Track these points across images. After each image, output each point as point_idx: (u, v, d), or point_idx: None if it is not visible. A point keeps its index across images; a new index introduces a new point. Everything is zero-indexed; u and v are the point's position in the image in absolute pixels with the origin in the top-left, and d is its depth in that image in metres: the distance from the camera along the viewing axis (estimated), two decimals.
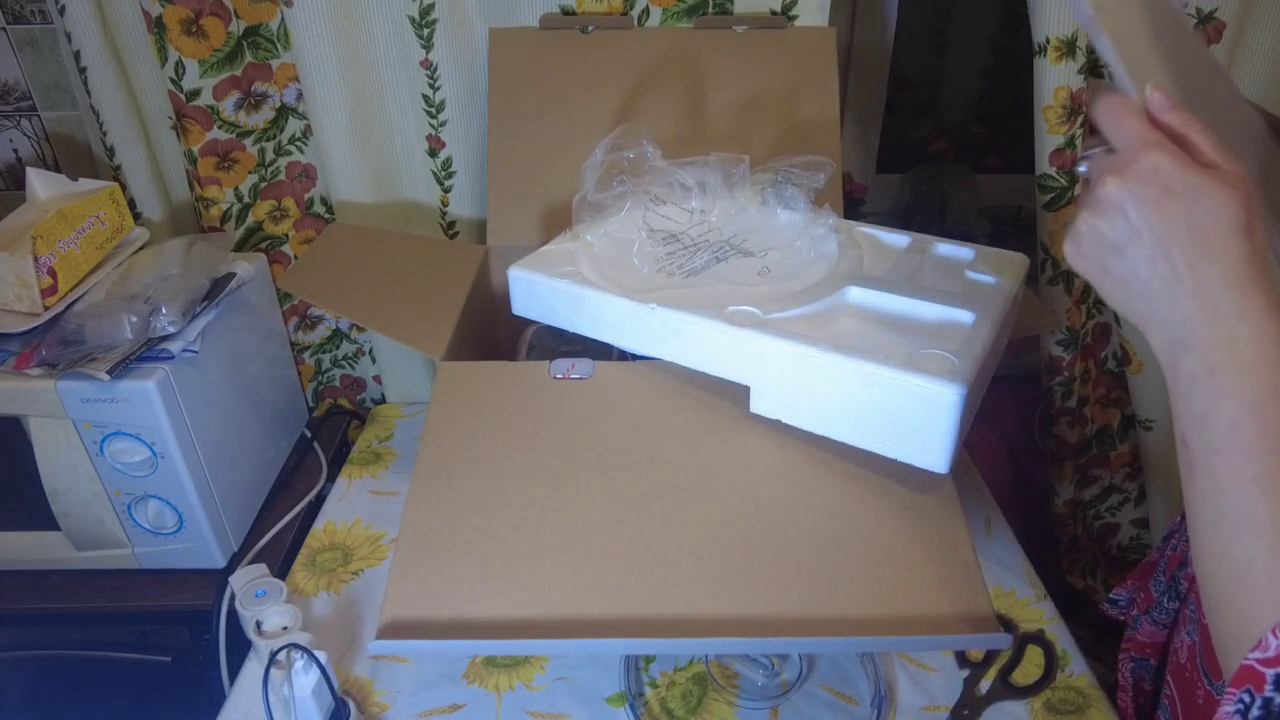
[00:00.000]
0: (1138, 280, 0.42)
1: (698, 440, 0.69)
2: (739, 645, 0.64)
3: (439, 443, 0.69)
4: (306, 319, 1.13)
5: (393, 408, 1.16)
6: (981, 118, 1.35)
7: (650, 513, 0.64)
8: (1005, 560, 0.89)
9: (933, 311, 0.67)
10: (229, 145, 0.99)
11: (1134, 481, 1.19)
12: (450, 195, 1.04)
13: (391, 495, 0.99)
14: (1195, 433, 0.41)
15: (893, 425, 0.61)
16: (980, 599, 0.59)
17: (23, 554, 0.87)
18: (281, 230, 1.07)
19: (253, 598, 0.77)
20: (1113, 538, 1.24)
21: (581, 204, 0.76)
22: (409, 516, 0.64)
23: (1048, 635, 0.73)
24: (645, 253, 0.74)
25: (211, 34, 0.93)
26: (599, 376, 0.73)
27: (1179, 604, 0.69)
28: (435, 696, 0.74)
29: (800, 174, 0.77)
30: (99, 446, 0.81)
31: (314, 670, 0.67)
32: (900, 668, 0.76)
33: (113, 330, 0.80)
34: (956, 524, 0.63)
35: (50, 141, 1.10)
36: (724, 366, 0.68)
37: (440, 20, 0.93)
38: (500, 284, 0.87)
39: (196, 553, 0.88)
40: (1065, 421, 1.13)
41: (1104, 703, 0.73)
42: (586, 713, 0.73)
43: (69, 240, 0.85)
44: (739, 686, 0.75)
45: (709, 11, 0.96)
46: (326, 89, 0.94)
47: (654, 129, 0.77)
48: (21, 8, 1.00)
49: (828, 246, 0.75)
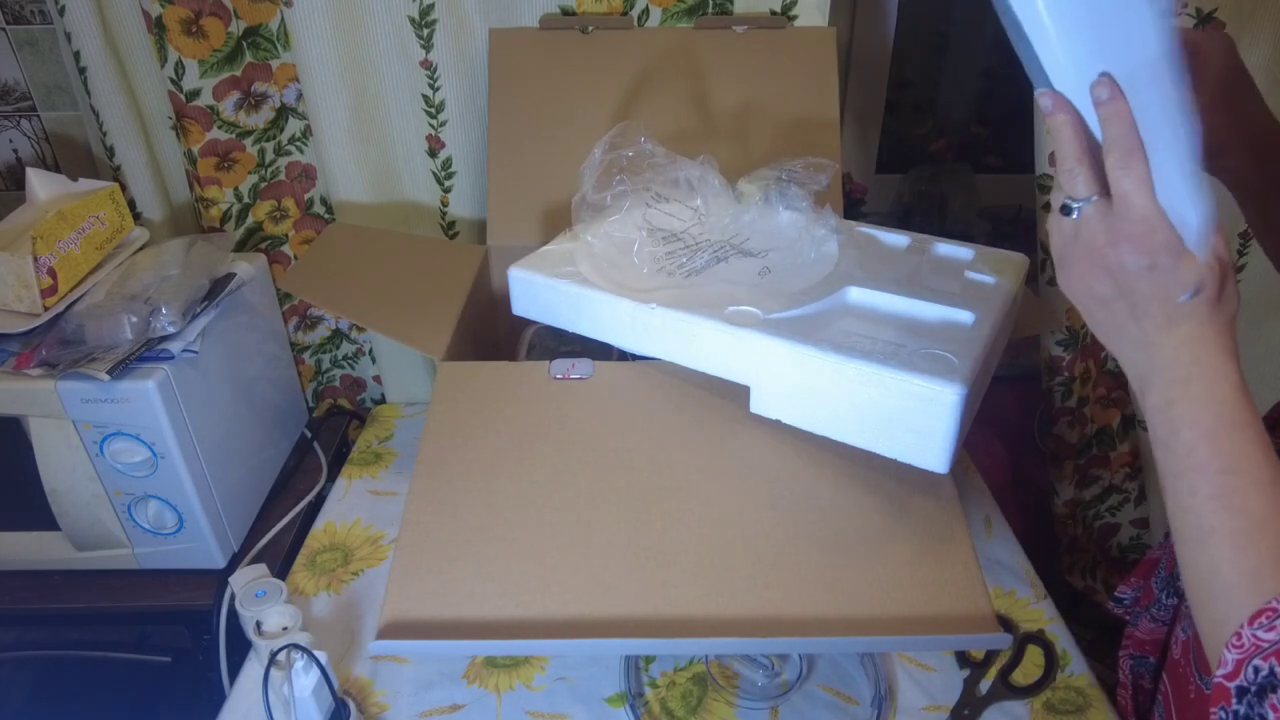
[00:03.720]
0: (1115, 327, 0.47)
1: (698, 440, 0.69)
2: (739, 645, 0.64)
3: (439, 443, 0.69)
4: (306, 319, 1.13)
5: (393, 408, 1.16)
6: (981, 118, 1.35)
7: (650, 513, 0.64)
8: (1005, 560, 0.89)
9: (933, 311, 0.67)
10: (229, 145, 0.99)
11: (1134, 481, 1.19)
12: (450, 195, 1.04)
13: (391, 495, 0.99)
14: (1160, 456, 0.46)
15: (893, 425, 0.61)
16: (980, 599, 0.59)
17: (23, 554, 0.87)
18: (281, 230, 1.07)
19: (253, 598, 0.77)
20: (1113, 538, 1.24)
21: (581, 204, 0.76)
22: (409, 516, 0.64)
23: (1048, 635, 0.73)
24: (645, 252, 0.74)
25: (211, 34, 0.93)
26: (599, 376, 0.73)
27: (1177, 601, 0.69)
28: (435, 696, 0.74)
29: (802, 174, 0.77)
30: (99, 447, 0.81)
31: (314, 670, 0.67)
32: (900, 668, 0.76)
33: (113, 330, 0.80)
34: (956, 524, 0.63)
35: (50, 141, 1.10)
36: (724, 366, 0.68)
37: (440, 20, 0.93)
38: (500, 284, 0.87)
39: (196, 553, 0.88)
40: (1065, 421, 1.13)
41: (1104, 702, 0.73)
42: (586, 713, 0.73)
43: (69, 240, 0.85)
44: (739, 686, 0.75)
45: (709, 11, 0.96)
46: (326, 89, 0.94)
47: (654, 129, 0.77)
48: (21, 8, 1.00)
49: (828, 247, 0.75)
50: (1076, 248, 0.47)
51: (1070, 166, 0.45)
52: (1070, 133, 0.45)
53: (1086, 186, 0.45)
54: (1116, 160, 0.43)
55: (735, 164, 0.81)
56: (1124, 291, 0.45)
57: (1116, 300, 0.46)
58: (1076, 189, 0.45)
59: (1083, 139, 0.45)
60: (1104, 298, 0.47)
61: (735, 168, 0.81)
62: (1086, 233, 0.46)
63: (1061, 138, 0.45)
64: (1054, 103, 0.45)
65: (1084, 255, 0.46)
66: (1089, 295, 0.47)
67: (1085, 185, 0.45)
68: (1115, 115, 0.43)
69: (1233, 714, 0.41)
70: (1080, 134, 0.45)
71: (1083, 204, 0.45)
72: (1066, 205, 0.46)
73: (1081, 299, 0.48)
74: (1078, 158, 0.45)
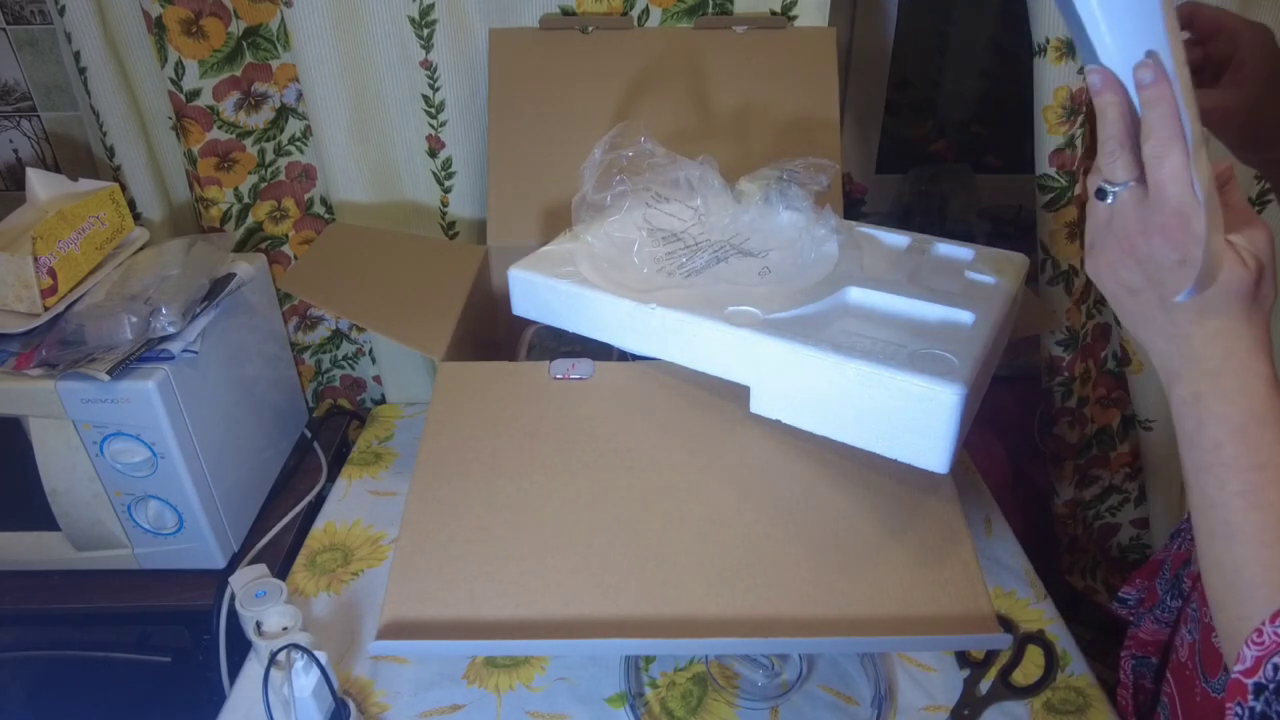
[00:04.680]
0: (1143, 316, 0.46)
1: (698, 440, 0.69)
2: (739, 645, 0.64)
3: (439, 443, 0.69)
4: (306, 319, 1.13)
5: (393, 408, 1.16)
6: (981, 118, 1.35)
7: (650, 513, 0.64)
8: (1005, 560, 0.89)
9: (933, 311, 0.67)
10: (229, 145, 0.99)
11: (1134, 481, 1.19)
12: (450, 195, 1.04)
13: (391, 495, 0.99)
14: (1186, 451, 0.45)
15: (893, 425, 0.61)
16: (980, 599, 0.59)
17: (23, 554, 0.87)
18: (281, 230, 1.07)
19: (253, 598, 0.77)
20: (1113, 538, 1.24)
21: (581, 204, 0.76)
22: (409, 516, 0.64)
23: (1048, 635, 0.73)
24: (645, 252, 0.74)
25: (211, 34, 0.93)
26: (599, 376, 0.73)
27: (1181, 603, 0.69)
28: (435, 696, 0.74)
29: (802, 174, 0.77)
30: (99, 447, 0.81)
31: (314, 671, 0.67)
32: (900, 668, 0.76)
33: (113, 330, 0.80)
34: (956, 524, 0.63)
35: (50, 141, 1.10)
36: (724, 367, 0.68)
37: (440, 20, 0.93)
38: (500, 284, 0.87)
39: (196, 553, 0.88)
40: (1065, 421, 1.13)
41: (1104, 703, 0.73)
42: (586, 713, 0.73)
43: (69, 240, 0.85)
44: (739, 686, 0.75)
45: (709, 11, 0.96)
46: (326, 89, 0.94)
47: (654, 129, 0.77)
48: (21, 8, 1.00)
49: (828, 247, 0.75)
50: (1109, 234, 0.46)
51: (1112, 149, 0.44)
52: (1116, 114, 0.44)
53: (1126, 170, 0.44)
54: (1155, 148, 0.42)
55: (735, 164, 0.81)
56: (1154, 282, 0.44)
57: (1146, 290, 0.45)
58: (1115, 173, 0.44)
59: (1128, 121, 0.44)
60: (1133, 286, 0.46)
61: (735, 168, 0.81)
62: (1120, 220, 0.45)
63: (1107, 119, 0.44)
64: (1103, 80, 0.43)
65: (1115, 243, 0.45)
66: (1117, 283, 0.46)
67: (1125, 169, 0.44)
68: (1159, 99, 0.42)
69: (1249, 710, 0.41)
70: (1126, 116, 0.44)
71: (1120, 189, 0.44)
72: (1102, 189, 0.45)
73: (1110, 285, 0.47)
74: (1120, 141, 0.44)
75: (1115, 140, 0.44)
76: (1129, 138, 0.44)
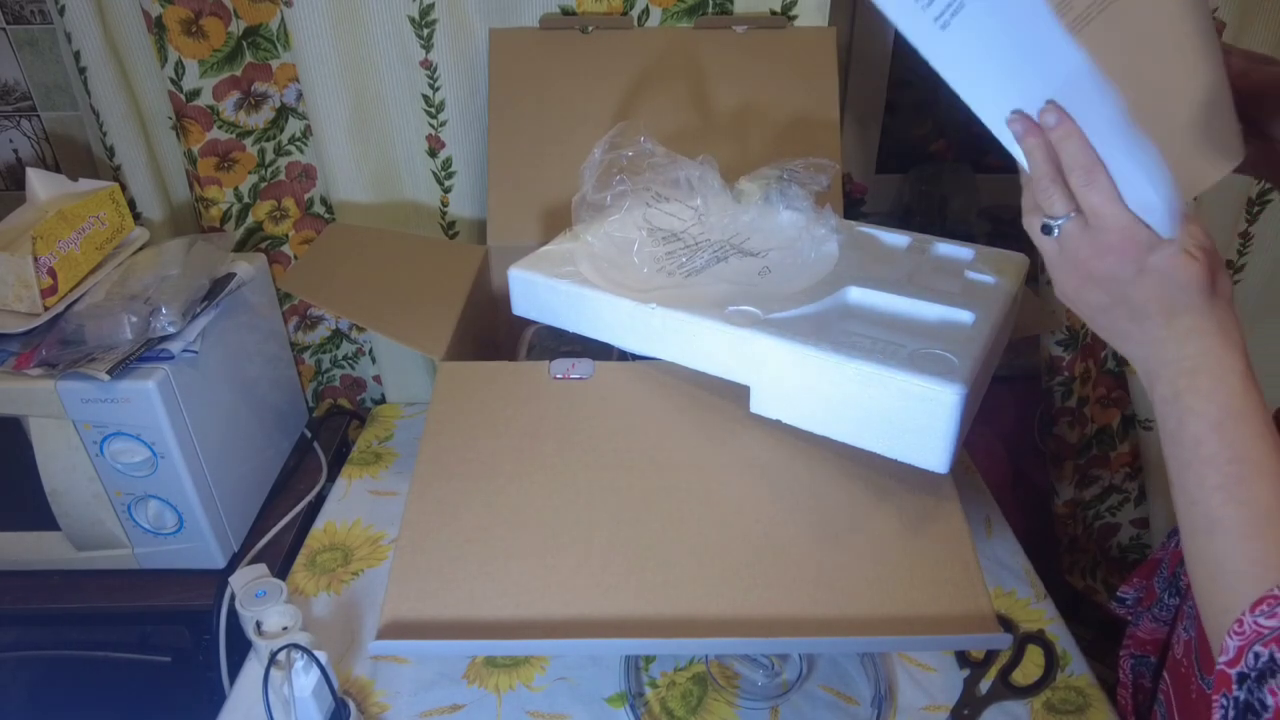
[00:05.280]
0: (1117, 330, 0.48)
1: (698, 440, 0.69)
2: (739, 645, 0.64)
3: (439, 443, 0.69)
4: (306, 319, 1.13)
5: (393, 408, 1.16)
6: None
7: (650, 513, 0.64)
8: (1005, 560, 0.89)
9: (933, 311, 0.67)
10: (229, 145, 0.99)
11: (1134, 481, 1.19)
12: (450, 195, 1.04)
13: (391, 495, 0.99)
14: (1169, 449, 0.46)
15: (893, 425, 0.61)
16: (980, 599, 0.59)
17: (23, 554, 0.87)
18: (281, 230, 1.07)
19: (253, 598, 0.77)
20: (1113, 538, 1.24)
21: (581, 204, 0.76)
22: (409, 516, 0.64)
23: (1048, 635, 0.73)
24: (645, 252, 0.74)
25: (211, 34, 0.93)
26: (599, 376, 0.73)
27: (1179, 600, 0.69)
28: (435, 696, 0.74)
29: (802, 174, 0.77)
30: (99, 447, 0.81)
31: (314, 670, 0.67)
32: (900, 668, 0.76)
33: (113, 330, 0.80)
34: (956, 524, 0.63)
35: (50, 141, 1.10)
36: (724, 366, 0.68)
37: (440, 20, 0.93)
38: (500, 284, 0.87)
39: (196, 553, 0.88)
40: (1065, 421, 1.13)
41: (1104, 702, 0.73)
42: (586, 713, 0.73)
43: (69, 240, 0.85)
44: (739, 686, 0.75)
45: (709, 11, 0.96)
46: (326, 89, 0.94)
47: (654, 129, 0.77)
48: (21, 8, 1.00)
49: (828, 247, 0.75)
50: (1064, 264, 0.47)
51: (1045, 186, 0.46)
52: (1042, 155, 0.45)
53: (1064, 204, 0.46)
54: (1079, 179, 0.44)
55: (735, 164, 0.81)
56: (1119, 299, 0.46)
57: (1114, 307, 0.47)
58: (1054, 207, 0.46)
59: (1055, 160, 0.45)
60: (1101, 306, 0.47)
61: (735, 168, 0.81)
62: (1069, 250, 0.47)
63: (1035, 160, 0.46)
64: (1025, 127, 0.45)
65: (1073, 271, 0.47)
66: (1085, 305, 0.48)
67: (1063, 203, 0.46)
68: (1067, 136, 0.44)
69: (1233, 700, 0.42)
70: (1052, 156, 0.45)
71: (1062, 220, 0.46)
72: (1047, 225, 0.47)
73: (1080, 308, 0.49)
74: (1052, 178, 0.46)
75: (1048, 178, 0.46)
76: (1060, 173, 0.45)
